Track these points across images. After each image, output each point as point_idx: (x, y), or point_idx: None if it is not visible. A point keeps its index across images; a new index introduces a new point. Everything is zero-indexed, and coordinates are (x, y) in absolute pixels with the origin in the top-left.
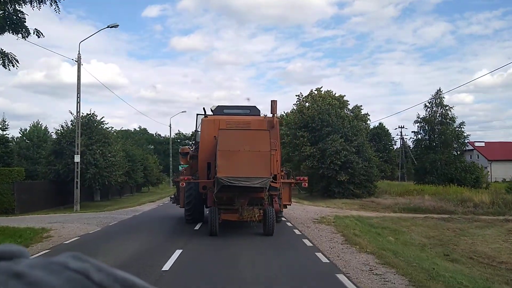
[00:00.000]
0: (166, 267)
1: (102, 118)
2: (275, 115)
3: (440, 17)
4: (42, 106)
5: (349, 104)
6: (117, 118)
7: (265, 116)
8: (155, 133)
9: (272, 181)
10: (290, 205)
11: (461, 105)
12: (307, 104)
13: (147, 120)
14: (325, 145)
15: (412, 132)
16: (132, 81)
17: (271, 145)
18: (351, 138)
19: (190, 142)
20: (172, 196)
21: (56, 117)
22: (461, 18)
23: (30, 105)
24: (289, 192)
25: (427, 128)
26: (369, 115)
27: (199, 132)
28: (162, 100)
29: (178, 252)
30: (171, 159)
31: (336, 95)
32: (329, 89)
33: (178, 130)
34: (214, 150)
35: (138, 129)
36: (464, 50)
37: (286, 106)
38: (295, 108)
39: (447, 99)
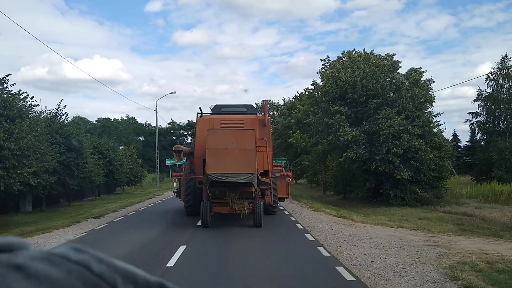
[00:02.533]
0: None
1: (8, 76)
2: (267, 114)
3: (443, 9)
4: (45, 102)
5: (400, 66)
6: (120, 113)
7: (257, 114)
8: (145, 123)
9: (264, 177)
10: (288, 197)
11: (464, 98)
12: (340, 73)
13: (148, 113)
14: (375, 125)
15: (469, 113)
16: (135, 76)
17: (256, 143)
18: (412, 115)
19: (185, 133)
20: (175, 190)
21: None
22: (464, 10)
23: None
24: (286, 186)
25: (492, 107)
26: (432, 81)
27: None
28: (166, 95)
29: None
30: (157, 151)
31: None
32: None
33: (171, 119)
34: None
35: (126, 118)
36: (467, 43)
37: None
38: (319, 79)
39: (449, 93)
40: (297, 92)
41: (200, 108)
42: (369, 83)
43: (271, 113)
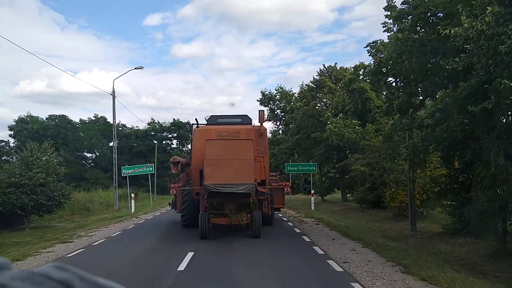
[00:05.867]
0: None
1: None
2: (263, 124)
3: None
4: (44, 116)
5: None
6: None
7: (253, 125)
8: (119, 123)
9: (261, 187)
10: (283, 207)
11: None
12: None
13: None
14: None
15: None
16: (133, 89)
17: (254, 153)
18: None
19: (169, 135)
20: (171, 202)
21: None
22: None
23: (31, 115)
24: (283, 195)
25: None
26: None
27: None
28: (164, 107)
29: None
30: (115, 155)
31: None
32: None
33: (152, 119)
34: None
35: (94, 118)
36: None
37: None
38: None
39: None
40: (323, 65)
41: (196, 119)
42: None
43: (281, 104)
